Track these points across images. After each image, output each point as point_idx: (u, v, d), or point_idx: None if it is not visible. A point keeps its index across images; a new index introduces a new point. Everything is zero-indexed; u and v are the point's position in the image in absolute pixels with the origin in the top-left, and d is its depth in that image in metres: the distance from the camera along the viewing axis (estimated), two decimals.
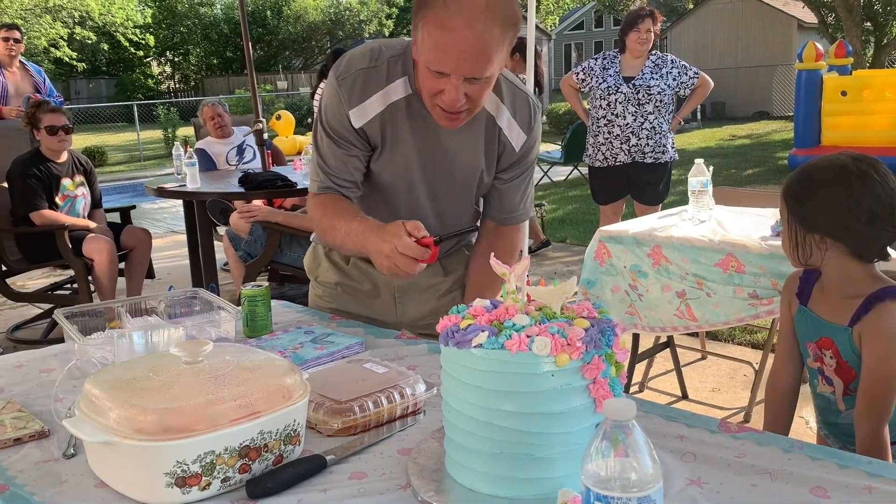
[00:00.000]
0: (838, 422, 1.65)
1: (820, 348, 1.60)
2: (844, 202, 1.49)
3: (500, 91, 1.63)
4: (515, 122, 1.65)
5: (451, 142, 1.63)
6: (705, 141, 14.38)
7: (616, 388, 0.98)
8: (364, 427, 1.20)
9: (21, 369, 1.52)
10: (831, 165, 1.54)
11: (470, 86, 1.43)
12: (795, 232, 1.56)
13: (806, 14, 19.33)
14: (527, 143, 1.69)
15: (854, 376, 1.55)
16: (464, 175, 1.70)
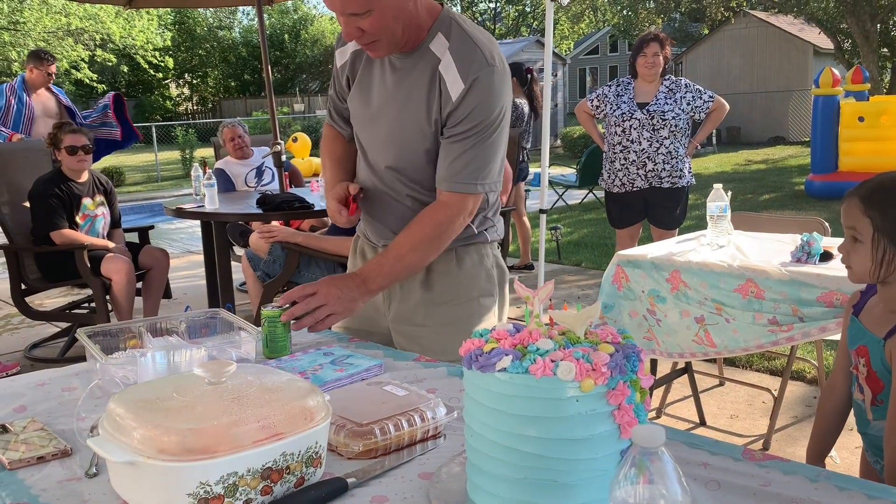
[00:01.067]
0: (867, 431, 1.66)
1: (857, 356, 1.62)
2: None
3: (450, 35, 1.68)
4: (455, 68, 1.65)
5: (400, 86, 1.73)
6: (721, 166, 14.36)
7: (641, 414, 0.97)
8: (385, 450, 1.20)
9: (43, 388, 1.53)
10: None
11: (361, 20, 1.57)
12: (882, 248, 1.50)
13: (822, 40, 19.35)
14: (468, 97, 1.65)
15: (881, 387, 1.56)
16: (410, 120, 1.73)
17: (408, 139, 1.75)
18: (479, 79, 1.64)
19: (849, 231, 1.55)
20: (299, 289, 1.64)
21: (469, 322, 1.85)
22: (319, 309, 1.65)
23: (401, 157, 1.78)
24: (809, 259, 2.51)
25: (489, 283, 1.90)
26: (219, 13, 33.37)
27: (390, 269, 1.74)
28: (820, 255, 2.52)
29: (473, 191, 1.73)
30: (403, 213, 1.82)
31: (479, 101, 1.66)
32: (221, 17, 34.03)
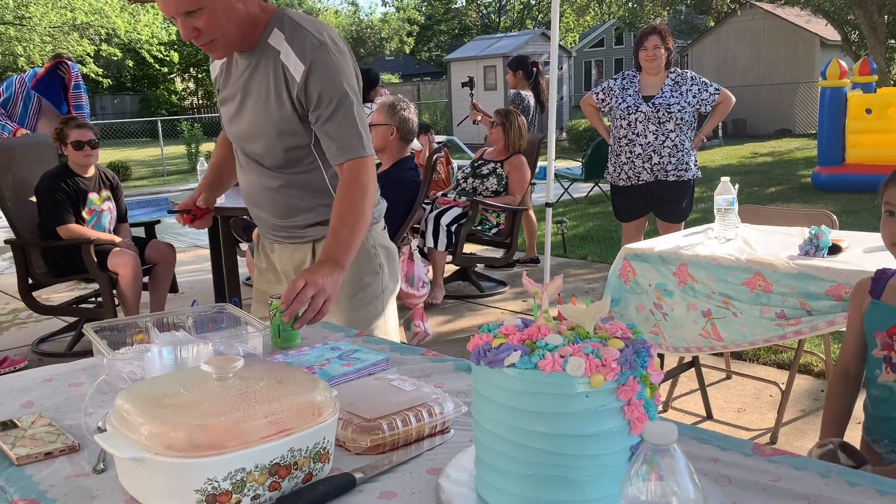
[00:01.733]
0: (894, 415, 1.65)
1: (891, 336, 1.63)
2: None
3: (284, 28, 1.84)
4: (293, 54, 1.81)
5: (250, 82, 1.88)
6: (727, 158, 14.30)
7: (651, 410, 0.96)
8: (392, 445, 1.20)
9: (50, 383, 1.53)
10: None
11: (195, 20, 1.71)
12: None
13: (829, 31, 19.23)
14: (311, 78, 1.80)
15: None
16: (265, 112, 1.87)
17: (267, 131, 1.89)
18: (316, 59, 1.80)
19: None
20: (290, 288, 1.68)
21: (353, 301, 2.01)
22: (315, 299, 1.68)
23: (264, 148, 1.92)
24: (818, 252, 2.49)
25: (370, 262, 2.05)
26: None
27: (348, 241, 1.84)
28: (828, 248, 2.51)
29: (365, 153, 1.89)
30: (278, 200, 1.98)
31: (324, 80, 1.81)
32: None
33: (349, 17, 35.04)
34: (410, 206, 3.54)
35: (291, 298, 1.66)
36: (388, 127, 3.56)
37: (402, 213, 3.52)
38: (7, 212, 4.19)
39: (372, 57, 34.62)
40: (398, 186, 3.54)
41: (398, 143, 3.61)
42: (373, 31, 34.21)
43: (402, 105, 3.63)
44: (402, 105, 3.63)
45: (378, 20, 35.36)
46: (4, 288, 5.90)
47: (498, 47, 20.47)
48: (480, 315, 4.81)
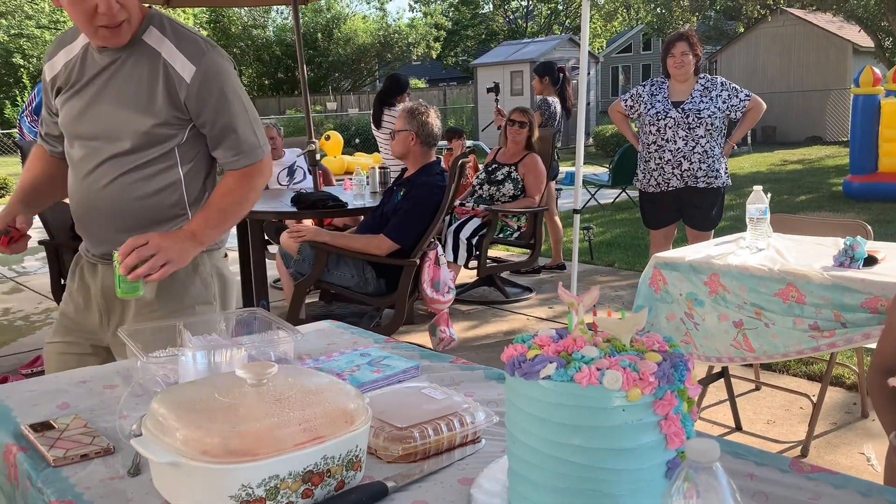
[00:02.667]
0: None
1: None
2: None
3: (164, 29, 1.81)
4: (181, 55, 1.78)
5: (115, 79, 1.79)
6: (756, 166, 14.14)
7: (688, 424, 0.95)
8: (424, 454, 1.19)
9: (86, 385, 1.55)
10: None
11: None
12: None
13: (862, 38, 18.95)
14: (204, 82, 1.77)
15: None
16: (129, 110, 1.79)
17: (128, 130, 1.80)
18: (209, 62, 1.79)
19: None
20: (131, 241, 1.66)
21: None
22: (155, 257, 1.67)
23: (119, 149, 1.82)
24: (853, 263, 2.45)
25: (206, 290, 1.96)
26: (253, 12, 33.65)
27: (215, 220, 1.83)
28: (864, 260, 2.46)
29: (263, 156, 1.90)
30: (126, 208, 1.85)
31: (219, 84, 1.80)
32: (256, 16, 34.32)
33: (377, 22, 35.20)
34: (434, 213, 3.51)
35: (129, 251, 1.64)
36: (409, 133, 3.56)
37: (427, 220, 3.50)
38: (42, 214, 4.25)
39: (399, 62, 34.75)
40: (422, 191, 3.52)
41: (420, 149, 3.60)
42: (400, 37, 34.32)
43: (422, 110, 3.61)
44: (422, 110, 3.61)
45: (405, 25, 35.48)
46: (37, 288, 6.00)
47: (525, 53, 20.46)
48: (506, 321, 4.79)
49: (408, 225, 3.46)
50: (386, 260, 3.46)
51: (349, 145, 18.05)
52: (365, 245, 3.50)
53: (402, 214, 3.49)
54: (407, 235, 3.45)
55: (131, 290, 1.69)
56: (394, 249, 3.45)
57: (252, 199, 1.91)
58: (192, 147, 1.88)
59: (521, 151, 5.30)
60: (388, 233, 3.46)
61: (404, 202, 3.55)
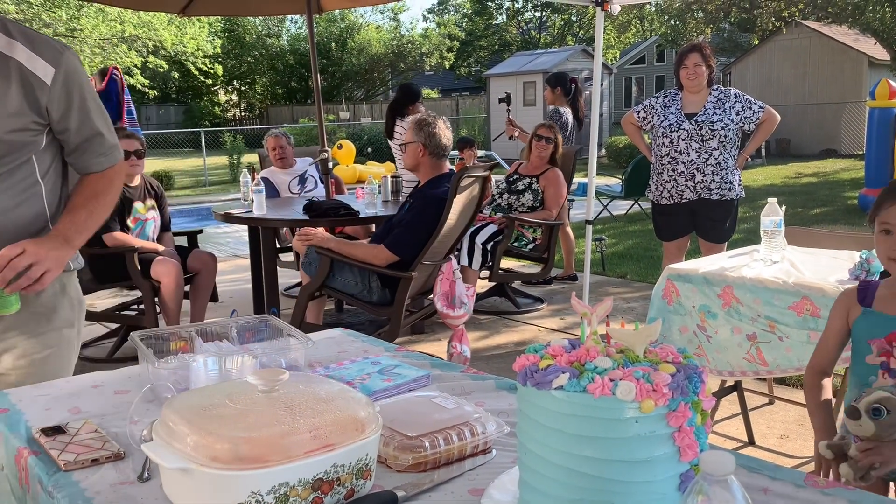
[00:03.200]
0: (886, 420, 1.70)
1: (890, 342, 1.71)
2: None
3: (8, 31, 1.69)
4: (38, 57, 1.68)
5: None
6: (770, 178, 14.07)
7: (701, 437, 0.94)
8: (434, 464, 1.19)
9: (97, 389, 1.55)
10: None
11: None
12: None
13: (878, 51, 18.85)
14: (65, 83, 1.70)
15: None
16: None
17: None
18: (67, 64, 1.71)
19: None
20: (6, 251, 1.59)
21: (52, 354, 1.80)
22: (33, 268, 1.60)
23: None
24: (869, 276, 2.43)
25: (72, 312, 1.87)
26: (267, 21, 33.89)
27: (84, 224, 1.76)
28: (880, 274, 2.44)
29: (120, 157, 1.87)
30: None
31: (78, 86, 1.73)
32: (270, 26, 34.55)
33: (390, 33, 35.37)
34: (435, 225, 3.45)
35: (4, 263, 1.57)
36: (417, 144, 3.54)
37: (426, 233, 3.46)
38: None
39: (412, 72, 34.87)
40: (426, 203, 3.50)
41: (429, 160, 3.57)
42: (413, 47, 34.46)
43: (429, 121, 3.57)
44: (429, 121, 3.57)
45: (419, 35, 35.63)
46: None
47: (538, 63, 20.48)
48: (517, 332, 4.78)
49: (408, 237, 3.45)
50: (384, 271, 3.46)
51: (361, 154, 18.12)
52: (365, 254, 3.50)
53: (404, 226, 3.49)
54: (406, 248, 3.44)
55: (5, 306, 1.61)
56: (393, 261, 3.44)
57: (108, 195, 1.84)
58: (49, 154, 1.79)
59: (543, 165, 5.32)
60: (388, 244, 3.46)
61: (407, 214, 3.55)
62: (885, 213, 1.69)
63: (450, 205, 3.41)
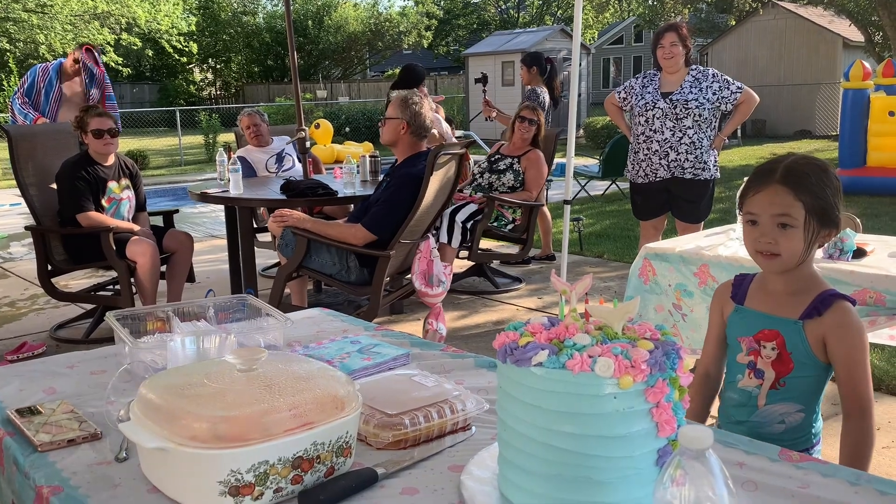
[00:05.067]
0: (749, 419, 1.66)
1: (758, 341, 1.63)
2: (838, 194, 1.56)
3: None
4: None
5: None
6: (745, 159, 14.19)
7: (679, 412, 0.95)
8: (414, 441, 1.19)
9: (73, 370, 1.53)
10: (813, 160, 1.58)
11: None
12: (811, 230, 1.53)
13: (852, 32, 19.00)
14: None
15: (790, 369, 1.59)
16: None
17: None
18: None
19: (779, 218, 1.53)
20: None
21: None
22: None
23: None
24: (842, 256, 2.46)
25: None
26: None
27: None
28: (853, 252, 2.48)
29: None
30: None
31: None
32: (246, 3, 34.02)
33: (368, 10, 34.99)
34: (411, 204, 3.44)
35: None
36: (400, 121, 3.52)
37: (403, 211, 3.45)
38: (28, 198, 4.22)
39: (390, 51, 34.57)
40: (403, 181, 3.48)
41: (409, 138, 3.56)
42: (391, 25, 34.13)
43: (416, 100, 3.56)
44: (416, 100, 3.56)
45: (397, 14, 35.27)
46: (23, 274, 5.95)
47: (516, 43, 20.39)
48: (496, 311, 4.80)
49: (385, 216, 3.43)
50: (362, 250, 3.45)
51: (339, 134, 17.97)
52: (342, 234, 3.48)
53: (381, 205, 3.47)
54: (383, 226, 3.43)
55: None
56: (370, 240, 3.43)
57: None
58: None
59: (525, 146, 5.31)
60: (366, 223, 3.44)
61: (384, 192, 3.53)
62: (749, 201, 1.57)
63: (426, 182, 3.40)
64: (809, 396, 1.61)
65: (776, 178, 1.54)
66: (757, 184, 1.56)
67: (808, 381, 1.59)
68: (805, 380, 1.59)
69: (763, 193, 1.54)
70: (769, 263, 1.57)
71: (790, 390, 1.59)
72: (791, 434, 1.62)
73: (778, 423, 1.62)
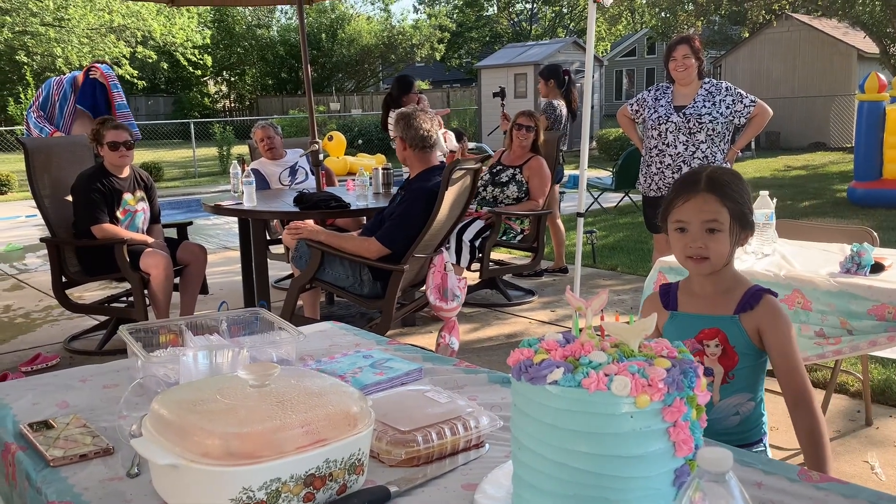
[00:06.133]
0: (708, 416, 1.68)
1: (701, 341, 1.70)
2: (751, 200, 1.69)
3: None
4: None
5: None
6: (759, 171, 14.11)
7: (696, 431, 0.94)
8: (427, 458, 1.18)
9: (86, 384, 1.53)
10: (728, 170, 1.72)
11: None
12: (735, 233, 1.65)
13: (867, 44, 18.91)
14: None
15: (736, 361, 1.68)
16: None
17: None
18: None
19: (707, 224, 1.63)
20: None
21: None
22: None
23: None
24: (860, 270, 2.44)
25: None
26: (257, 12, 33.65)
27: None
28: (871, 267, 2.45)
29: None
30: None
31: None
32: (260, 16, 34.30)
33: (381, 24, 35.19)
34: (426, 219, 3.42)
35: None
36: (398, 139, 3.56)
37: (417, 226, 3.44)
38: (44, 210, 4.25)
39: (403, 63, 34.71)
40: (418, 195, 3.48)
41: (413, 153, 3.56)
42: (404, 38, 34.30)
43: (407, 112, 3.54)
44: (407, 112, 3.54)
45: (410, 27, 35.46)
46: (38, 285, 5.99)
47: (529, 55, 20.43)
48: (508, 324, 4.77)
49: (399, 230, 3.44)
50: (376, 264, 3.45)
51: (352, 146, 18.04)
52: (356, 247, 3.48)
53: (395, 219, 3.47)
54: (397, 240, 3.43)
55: None
56: (384, 254, 3.43)
57: None
58: None
59: (526, 154, 5.28)
60: (380, 236, 3.44)
61: (399, 206, 3.54)
62: (678, 210, 1.66)
63: (442, 196, 3.40)
64: (755, 384, 1.71)
65: (701, 187, 1.64)
66: (684, 194, 1.66)
67: (752, 369, 1.68)
68: (750, 369, 1.68)
69: (692, 202, 1.64)
70: (699, 267, 1.66)
71: (738, 381, 1.68)
72: (745, 426, 1.71)
73: (733, 416, 1.71)
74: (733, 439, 1.64)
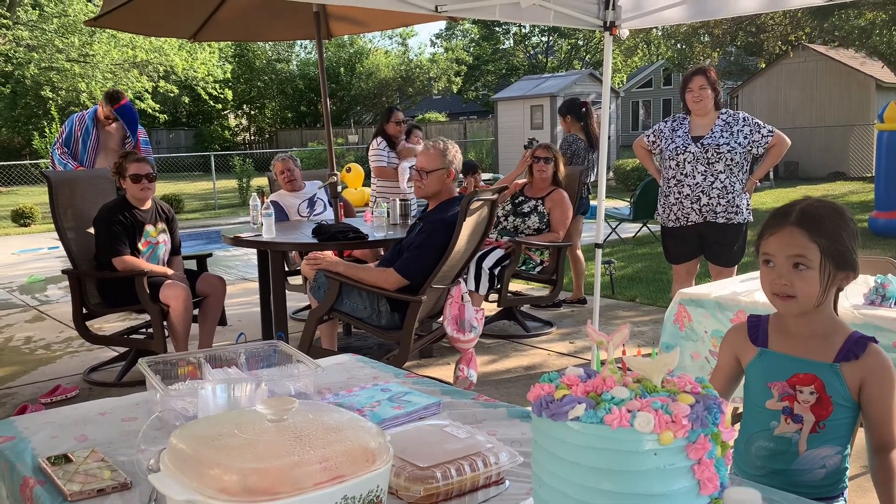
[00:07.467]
0: (790, 468, 1.62)
1: (793, 386, 1.60)
2: (855, 238, 1.56)
3: None
4: None
5: None
6: (779, 201, 14.03)
7: (721, 469, 0.92)
8: (446, 496, 1.16)
9: (104, 417, 1.53)
10: (830, 204, 1.60)
11: None
12: (827, 272, 1.53)
13: (885, 73, 18.87)
14: None
15: (830, 412, 1.57)
16: None
17: None
18: None
19: (794, 259, 1.54)
20: None
21: None
22: None
23: None
24: (884, 302, 2.40)
25: None
26: (277, 46, 34.21)
27: None
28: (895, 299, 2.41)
29: None
30: None
31: None
32: (280, 51, 34.87)
33: (399, 57, 35.64)
34: (444, 250, 3.42)
35: None
36: (445, 170, 3.57)
37: (435, 257, 3.45)
38: (66, 243, 4.30)
39: (420, 96, 35.08)
40: (437, 227, 3.49)
41: (452, 184, 3.64)
42: (421, 71, 34.71)
43: (449, 146, 3.64)
44: (449, 146, 3.64)
45: (427, 60, 35.89)
46: (59, 316, 6.04)
47: (545, 87, 20.57)
48: (526, 356, 4.74)
49: (417, 261, 3.44)
50: (394, 295, 3.45)
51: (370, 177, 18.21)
52: (374, 278, 3.49)
53: (413, 250, 3.48)
54: (415, 271, 3.43)
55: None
56: (402, 284, 3.43)
57: None
58: None
59: (548, 186, 5.30)
60: (398, 267, 3.45)
61: (417, 237, 3.55)
62: (765, 242, 1.58)
63: (460, 228, 3.40)
64: (846, 437, 1.60)
65: (791, 220, 1.56)
66: (773, 226, 1.58)
67: (845, 422, 1.58)
68: (843, 421, 1.58)
69: (778, 235, 1.56)
70: (786, 305, 1.56)
71: (829, 432, 1.58)
72: (829, 479, 1.61)
73: (819, 469, 1.60)
74: (813, 493, 1.56)
